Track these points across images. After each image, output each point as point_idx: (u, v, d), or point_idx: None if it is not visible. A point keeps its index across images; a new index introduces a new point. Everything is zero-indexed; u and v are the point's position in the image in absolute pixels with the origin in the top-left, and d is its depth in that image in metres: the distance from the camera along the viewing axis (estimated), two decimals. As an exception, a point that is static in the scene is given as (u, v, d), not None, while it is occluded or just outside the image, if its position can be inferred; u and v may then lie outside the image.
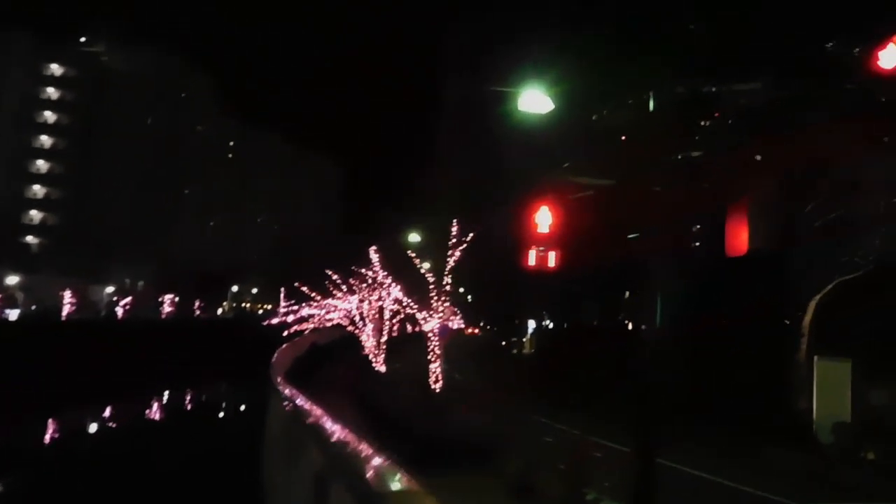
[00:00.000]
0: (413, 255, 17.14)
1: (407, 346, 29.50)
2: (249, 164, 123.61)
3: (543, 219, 10.25)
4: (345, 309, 25.96)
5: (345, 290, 25.63)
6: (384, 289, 21.66)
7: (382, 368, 22.74)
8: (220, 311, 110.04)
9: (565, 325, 54.21)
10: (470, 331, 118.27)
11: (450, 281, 16.23)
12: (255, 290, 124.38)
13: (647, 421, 7.96)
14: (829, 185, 17.15)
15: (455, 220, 16.11)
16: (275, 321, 67.97)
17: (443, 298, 16.57)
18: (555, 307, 55.80)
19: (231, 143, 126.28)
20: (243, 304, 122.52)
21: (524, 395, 27.99)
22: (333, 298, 26.57)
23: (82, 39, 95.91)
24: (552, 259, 10.37)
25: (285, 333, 35.63)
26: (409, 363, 22.72)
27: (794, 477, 14.66)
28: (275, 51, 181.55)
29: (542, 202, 10.32)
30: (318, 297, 30.08)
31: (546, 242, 10.26)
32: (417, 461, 11.92)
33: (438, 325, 17.03)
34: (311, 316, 33.49)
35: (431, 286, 16.62)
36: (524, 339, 62.69)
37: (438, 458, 11.54)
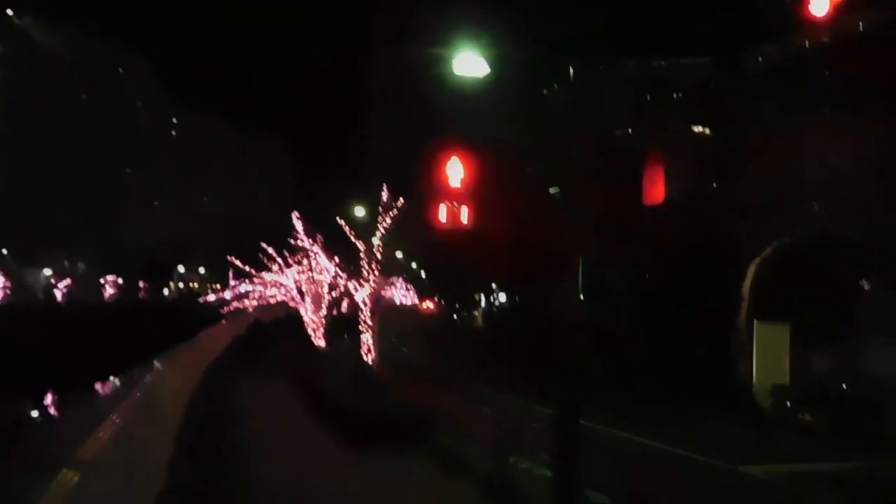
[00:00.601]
0: (344, 223, 16.43)
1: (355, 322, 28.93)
2: (193, 145, 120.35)
3: (455, 171, 9.62)
4: (286, 285, 25.19)
5: (281, 264, 24.83)
6: (313, 259, 20.96)
7: (322, 344, 22.12)
8: (165, 291, 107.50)
9: (516, 299, 54.29)
10: (425, 306, 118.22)
11: (380, 247, 15.59)
12: (202, 270, 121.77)
13: (567, 379, 7.58)
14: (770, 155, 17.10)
15: (385, 186, 15.43)
16: (211, 298, 66.41)
17: (374, 266, 15.95)
18: (507, 281, 55.85)
19: (174, 121, 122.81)
20: (190, 285, 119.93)
21: (468, 369, 27.77)
22: (274, 274, 25.77)
23: (9, 13, 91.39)
24: (464, 215, 9.69)
25: (224, 310, 34.64)
26: (353, 340, 22.29)
27: (731, 440, 14.65)
28: (211, 31, 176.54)
29: (452, 152, 9.70)
30: (261, 274, 29.15)
31: (458, 197, 9.59)
32: (348, 438, 11.49)
33: (369, 294, 16.41)
34: (250, 292, 32.59)
35: (362, 254, 15.96)
36: (475, 314, 62.69)
37: (369, 435, 11.13)
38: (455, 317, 65.40)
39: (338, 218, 16.38)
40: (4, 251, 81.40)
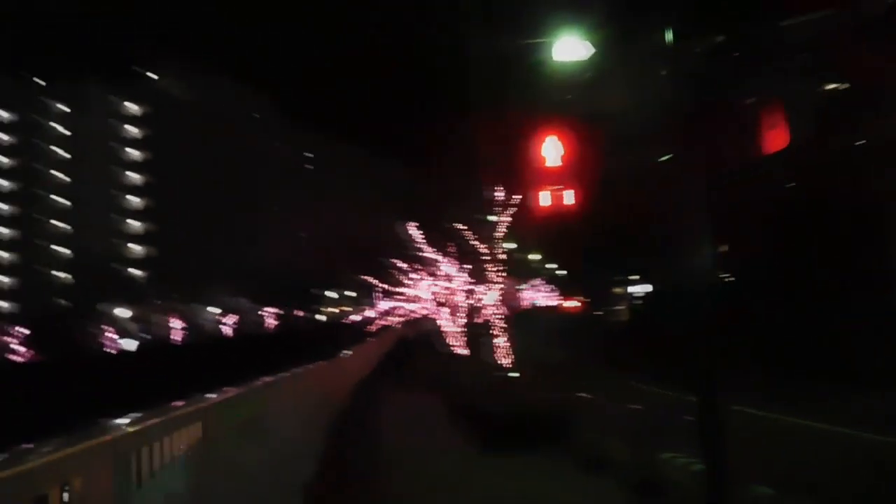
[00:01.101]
0: (463, 227, 16.35)
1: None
2: (326, 174, 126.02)
3: (552, 150, 8.82)
4: (423, 298, 25.73)
5: (415, 278, 25.36)
6: (439, 268, 21.18)
7: (463, 352, 22.32)
8: (319, 316, 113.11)
9: (658, 288, 52.32)
10: (567, 304, 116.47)
11: (502, 247, 15.43)
12: (352, 294, 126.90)
13: (707, 362, 7.11)
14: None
15: (499, 186, 15.16)
16: (356, 318, 68.96)
17: (499, 268, 15.77)
18: (651, 270, 53.97)
19: (307, 155, 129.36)
20: (342, 308, 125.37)
21: (613, 364, 27.01)
22: (411, 288, 26.41)
23: (153, 76, 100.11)
24: (569, 197, 8.88)
25: (370, 329, 35.86)
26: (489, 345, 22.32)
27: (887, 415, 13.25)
28: (329, 63, 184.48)
29: (548, 131, 8.89)
30: (402, 290, 29.93)
31: (559, 178, 8.88)
32: (487, 441, 11.48)
33: (498, 297, 16.25)
34: (393, 309, 33.52)
35: (486, 257, 15.81)
36: (619, 308, 61.05)
37: (509, 437, 11.06)
38: (599, 313, 64.02)
39: (455, 224, 16.37)
40: (174, 296, 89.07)
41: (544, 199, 8.90)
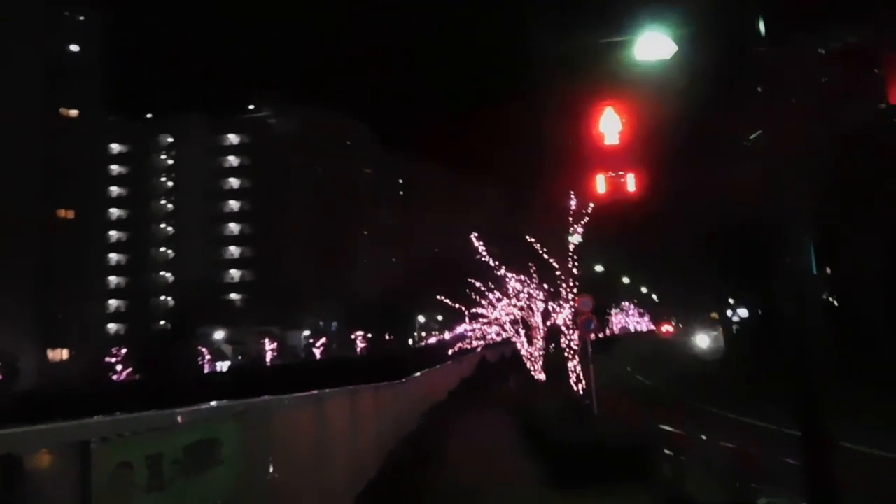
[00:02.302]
0: (534, 241, 15.05)
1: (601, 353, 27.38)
2: (416, 196, 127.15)
3: (610, 125, 7.37)
4: (500, 320, 24.75)
5: (492, 299, 24.43)
6: (510, 286, 20.03)
7: (542, 377, 21.16)
8: (410, 341, 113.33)
9: (759, 313, 49.24)
10: (664, 330, 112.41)
11: (576, 262, 14.10)
12: (440, 318, 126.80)
13: (813, 398, 5.91)
14: None
15: (572, 193, 13.89)
16: (432, 341, 68.28)
17: (572, 284, 14.44)
18: (748, 293, 50.97)
19: (399, 181, 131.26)
20: (432, 332, 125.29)
21: (707, 392, 25.08)
22: (486, 309, 25.47)
23: (250, 107, 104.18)
24: (631, 183, 7.46)
25: (450, 352, 35.08)
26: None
27: None
28: (419, 86, 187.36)
29: (605, 102, 7.47)
30: (486, 312, 28.95)
31: (618, 160, 7.41)
32: (558, 474, 10.37)
33: (571, 315, 14.89)
34: (470, 331, 32.66)
35: (558, 272, 14.50)
36: (714, 333, 57.97)
37: (581, 471, 9.92)
38: (694, 339, 61.05)
39: (528, 237, 15.17)
40: (274, 320, 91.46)
41: (600, 184, 7.46)
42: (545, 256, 14.23)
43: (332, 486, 6.84)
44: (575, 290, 14.28)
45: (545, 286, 19.29)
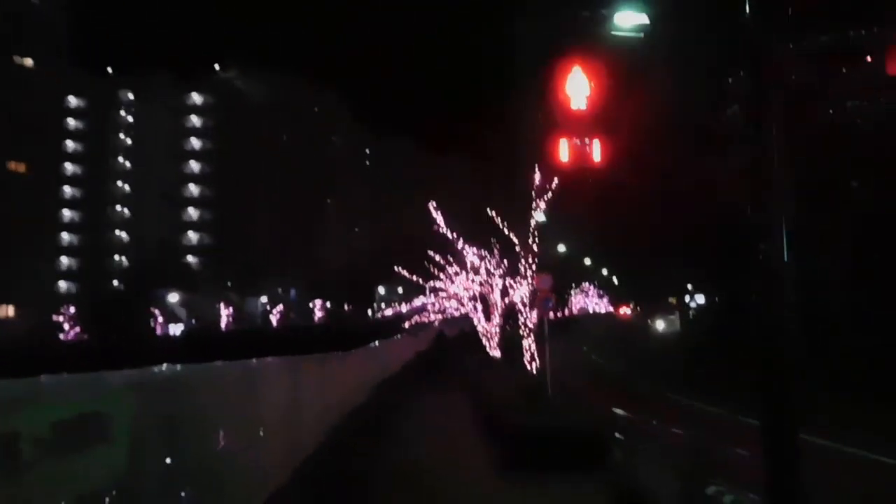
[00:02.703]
0: (494, 214, 14.49)
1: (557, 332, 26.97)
2: (383, 169, 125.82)
3: (577, 87, 6.77)
4: (460, 295, 24.30)
5: (450, 273, 23.96)
6: (467, 259, 19.55)
7: (497, 354, 20.82)
8: (370, 312, 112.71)
9: (716, 300, 49.86)
10: (622, 312, 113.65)
11: (537, 238, 13.65)
12: (400, 290, 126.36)
13: (777, 384, 5.56)
14: None
15: (536, 167, 13.35)
16: (388, 313, 67.99)
17: (530, 261, 13.99)
18: (706, 280, 51.52)
19: (367, 151, 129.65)
20: (392, 304, 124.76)
21: (664, 378, 25.10)
22: (444, 283, 24.96)
23: (216, 68, 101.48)
24: (597, 152, 6.92)
25: (406, 325, 34.66)
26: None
27: None
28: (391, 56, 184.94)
29: (573, 61, 6.87)
30: (446, 286, 28.42)
31: (584, 126, 6.86)
32: (508, 459, 9.96)
33: (529, 292, 14.45)
34: (426, 304, 32.28)
35: (518, 249, 14.03)
36: (672, 317, 58.62)
37: (532, 457, 9.49)
38: (651, 322, 61.70)
39: (488, 209, 14.62)
40: (229, 283, 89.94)
41: (563, 150, 6.90)
42: (506, 231, 13.78)
43: (263, 467, 6.31)
44: (534, 268, 13.86)
45: (504, 262, 18.93)
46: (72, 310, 63.54)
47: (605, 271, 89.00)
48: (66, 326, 61.71)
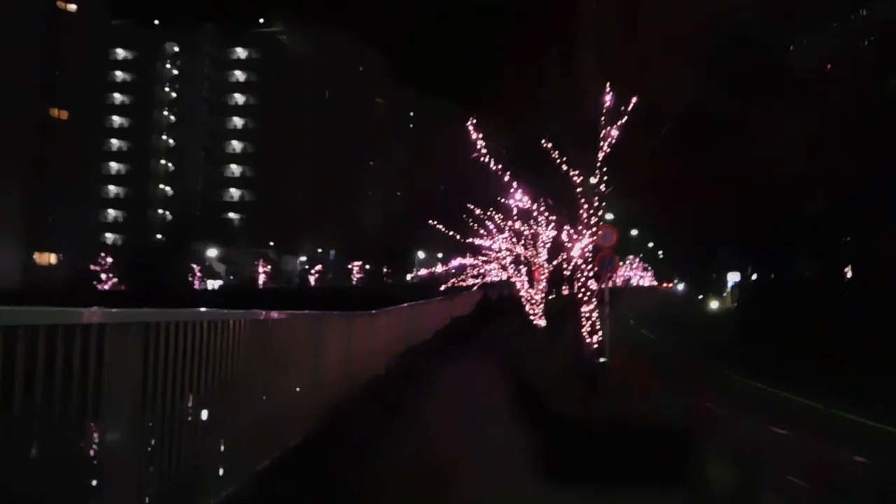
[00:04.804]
0: (550, 146, 11.81)
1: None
2: (426, 132, 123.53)
3: None
4: (497, 256, 22.39)
5: (493, 229, 21.95)
6: (507, 200, 16.83)
7: (542, 323, 18.95)
8: (408, 276, 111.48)
9: (772, 277, 47.13)
10: (665, 286, 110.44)
11: (603, 181, 11.10)
12: (440, 255, 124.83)
13: None
14: None
15: (608, 85, 10.79)
16: (423, 272, 66.25)
17: (594, 208, 11.43)
18: (759, 257, 48.93)
19: (411, 114, 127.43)
20: (431, 269, 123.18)
21: (721, 357, 23.00)
22: (486, 241, 22.98)
23: (260, 21, 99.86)
24: None
25: (442, 288, 32.91)
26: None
27: None
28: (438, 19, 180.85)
29: None
30: (491, 247, 26.24)
31: None
32: (555, 463, 7.67)
33: (591, 246, 11.88)
34: (467, 267, 30.44)
35: (579, 190, 11.38)
36: (724, 294, 55.97)
37: (583, 459, 7.22)
38: (701, 297, 59.09)
39: (543, 141, 12.01)
40: (271, 243, 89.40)
41: None
42: (563, 167, 11.38)
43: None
44: (599, 214, 11.55)
45: (555, 211, 16.61)
46: (108, 260, 63.32)
47: (651, 244, 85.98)
48: (104, 276, 61.61)
